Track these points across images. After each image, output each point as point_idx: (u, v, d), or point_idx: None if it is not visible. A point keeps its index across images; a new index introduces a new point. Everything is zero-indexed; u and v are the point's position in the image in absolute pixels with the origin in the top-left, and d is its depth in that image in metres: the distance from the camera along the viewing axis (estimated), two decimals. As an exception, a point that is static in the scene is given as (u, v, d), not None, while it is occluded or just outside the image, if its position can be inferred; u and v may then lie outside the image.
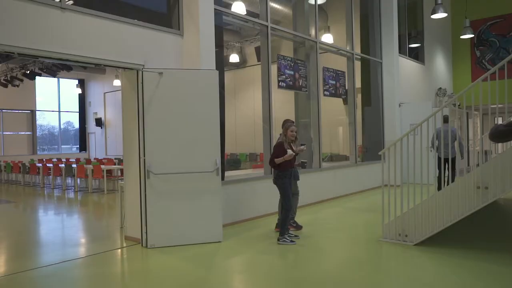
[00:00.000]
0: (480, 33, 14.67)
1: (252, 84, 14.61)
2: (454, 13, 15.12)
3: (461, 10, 14.61)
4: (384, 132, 10.87)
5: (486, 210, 7.12)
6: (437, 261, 4.39)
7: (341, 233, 5.86)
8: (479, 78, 4.75)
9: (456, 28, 14.99)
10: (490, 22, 14.46)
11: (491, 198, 4.57)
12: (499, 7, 14.29)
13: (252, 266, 4.49)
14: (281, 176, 5.41)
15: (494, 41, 14.39)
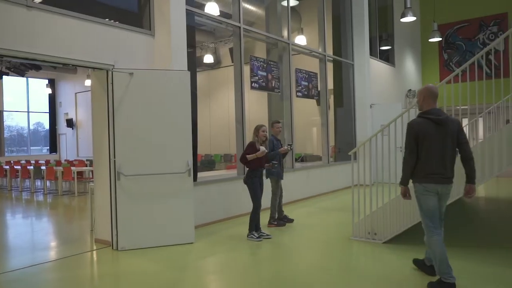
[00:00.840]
0: (447, 37, 15.13)
1: (227, 84, 14.60)
2: (423, 17, 15.54)
3: (430, 14, 15.05)
4: (356, 133, 11.07)
5: (453, 207, 7.36)
6: (404, 258, 4.51)
7: (313, 233, 5.94)
8: (443, 80, 4.92)
9: (425, 31, 15.42)
10: (457, 26, 14.94)
11: (455, 196, 4.72)
12: (465, 12, 14.78)
13: (224, 267, 4.50)
14: (251, 176, 5.55)
15: (461, 45, 14.87)
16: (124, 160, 5.17)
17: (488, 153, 4.55)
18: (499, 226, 6.12)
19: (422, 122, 3.62)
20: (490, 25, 14.21)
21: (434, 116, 3.58)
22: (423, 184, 3.62)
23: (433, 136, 3.56)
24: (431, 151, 3.57)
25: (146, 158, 5.25)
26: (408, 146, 3.65)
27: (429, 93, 3.68)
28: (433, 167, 3.58)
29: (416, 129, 3.61)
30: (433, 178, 3.58)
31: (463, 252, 4.69)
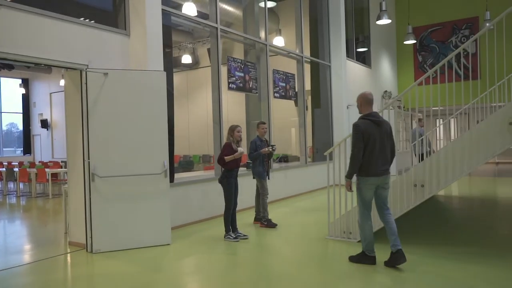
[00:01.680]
0: (422, 39, 15.49)
1: (205, 85, 14.56)
2: (398, 20, 15.87)
3: (405, 17, 15.37)
4: (333, 133, 11.21)
5: (428, 207, 7.54)
6: (378, 256, 4.59)
7: (290, 233, 5.98)
8: (415, 82, 5.03)
9: (400, 34, 15.74)
10: (431, 29, 15.30)
11: (427, 195, 4.85)
12: (439, 15, 15.16)
13: (201, 267, 4.50)
14: (227, 176, 5.57)
15: (434, 47, 15.24)
16: (99, 161, 5.10)
17: (458, 152, 4.68)
18: (468, 224, 6.30)
19: (366, 122, 4.16)
20: (462, 28, 14.61)
21: (374, 118, 4.17)
22: (367, 178, 4.16)
23: (375, 135, 4.13)
24: (374, 148, 4.12)
25: (121, 159, 5.19)
26: (356, 144, 4.12)
27: (365, 99, 4.27)
28: (377, 162, 4.14)
29: (362, 128, 4.11)
30: (376, 172, 4.15)
31: (435, 249, 4.82)
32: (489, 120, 4.57)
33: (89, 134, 5.09)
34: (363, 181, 4.21)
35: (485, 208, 7.55)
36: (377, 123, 4.16)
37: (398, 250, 4.17)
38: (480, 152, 4.58)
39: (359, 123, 4.18)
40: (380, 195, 4.31)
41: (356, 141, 4.13)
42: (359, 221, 4.38)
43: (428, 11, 15.30)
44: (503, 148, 4.48)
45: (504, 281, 3.74)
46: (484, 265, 4.21)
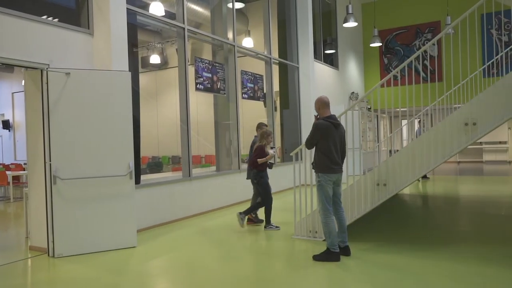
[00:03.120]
0: (387, 42, 15.90)
1: (174, 85, 14.37)
2: (365, 23, 16.23)
3: (371, 20, 15.75)
4: (302, 134, 11.34)
5: (392, 205, 7.75)
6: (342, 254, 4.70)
7: (257, 232, 6.02)
8: (378, 84, 5.17)
9: (367, 36, 16.11)
10: (396, 32, 15.74)
11: (389, 194, 5.00)
12: (403, 19, 15.61)
13: (166, 269, 4.46)
14: (262, 176, 6.18)
15: (399, 50, 15.68)
16: (61, 163, 4.97)
17: (418, 152, 4.85)
18: (431, 222, 6.52)
19: (326, 124, 4.48)
20: (425, 32, 15.10)
21: (334, 120, 4.52)
22: (327, 174, 4.46)
23: (334, 135, 4.48)
24: (332, 147, 4.45)
25: (84, 161, 5.08)
26: (312, 140, 4.51)
27: (322, 103, 4.60)
28: (335, 160, 4.48)
29: (323, 128, 4.45)
30: (334, 169, 4.48)
31: (398, 246, 4.96)
32: (446, 121, 4.75)
33: (50, 135, 4.95)
34: (324, 178, 4.47)
35: (446, 205, 7.83)
36: (335, 125, 4.52)
37: (346, 246, 4.59)
38: (438, 152, 4.75)
39: (321, 122, 4.49)
40: (336, 192, 4.60)
41: (312, 138, 4.51)
42: (322, 218, 4.54)
43: (393, 15, 15.74)
44: (459, 148, 4.67)
45: (454, 273, 3.90)
46: (436, 259, 4.37)
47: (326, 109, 4.58)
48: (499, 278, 3.79)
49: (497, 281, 3.72)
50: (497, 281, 3.72)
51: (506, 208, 7.25)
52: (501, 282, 3.68)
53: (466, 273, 3.97)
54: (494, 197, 8.47)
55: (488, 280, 3.76)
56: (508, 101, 4.44)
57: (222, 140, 8.94)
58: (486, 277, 3.84)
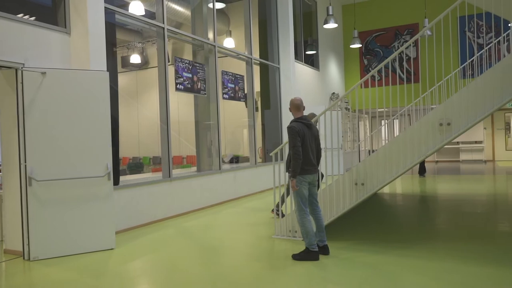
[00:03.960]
0: (367, 43, 16.11)
1: (155, 85, 14.29)
2: (345, 24, 16.41)
3: (351, 21, 15.93)
4: (283, 134, 11.39)
5: (371, 204, 7.85)
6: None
7: (238, 233, 6.02)
8: (355, 84, 5.24)
9: (347, 38, 16.29)
10: (375, 34, 15.96)
11: (367, 193, 5.07)
12: (383, 21, 15.84)
13: (144, 271, 4.42)
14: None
15: (379, 51, 15.90)
16: (37, 165, 4.88)
17: (395, 152, 4.93)
18: (409, 220, 6.64)
19: (299, 124, 4.52)
20: (404, 34, 15.36)
21: (306, 121, 4.58)
22: (302, 176, 4.49)
23: (308, 136, 4.53)
24: (307, 148, 4.50)
25: (61, 162, 5.00)
26: (296, 143, 4.42)
27: (293, 105, 4.68)
28: (310, 161, 4.52)
29: (297, 129, 4.46)
30: (309, 170, 4.52)
31: (376, 245, 5.04)
32: (421, 121, 4.84)
33: (26, 136, 4.86)
34: (299, 179, 4.50)
35: (424, 203, 7.98)
36: (308, 126, 4.59)
37: (325, 245, 4.68)
38: (414, 152, 4.84)
39: (294, 124, 4.52)
40: (312, 192, 4.67)
41: (294, 140, 4.44)
42: (299, 219, 4.60)
43: (373, 17, 15.95)
44: (434, 148, 4.77)
45: (431, 270, 3.99)
46: (413, 257, 4.46)
47: (298, 111, 4.66)
48: (475, 274, 3.89)
49: (473, 277, 3.82)
50: (473, 277, 3.82)
51: (482, 206, 7.43)
52: (478, 279, 3.78)
53: (442, 270, 4.06)
54: (471, 196, 8.67)
55: (465, 277, 3.85)
56: (480, 101, 4.56)
57: (203, 140, 8.92)
58: (462, 274, 3.93)
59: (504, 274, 3.86)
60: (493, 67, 4.56)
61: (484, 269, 4.03)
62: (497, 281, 3.70)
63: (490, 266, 4.10)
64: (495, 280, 3.72)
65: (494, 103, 4.52)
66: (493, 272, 3.93)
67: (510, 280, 3.71)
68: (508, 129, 18.09)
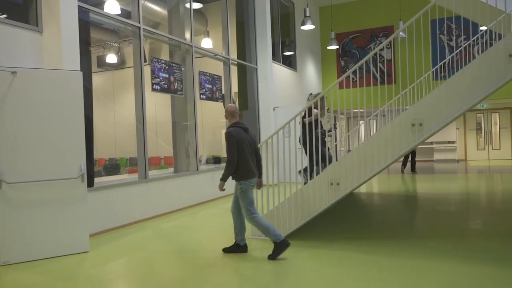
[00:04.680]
0: (343, 45, 16.32)
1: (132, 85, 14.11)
2: (322, 26, 16.57)
3: (328, 23, 16.11)
4: (260, 135, 11.42)
5: (348, 204, 7.95)
6: (298, 252, 4.79)
7: (215, 234, 6.01)
8: (330, 86, 5.31)
9: (324, 39, 16.46)
10: (352, 36, 16.18)
11: (342, 192, 5.13)
12: (359, 23, 16.08)
13: (118, 274, 4.37)
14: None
15: (355, 53, 16.13)
16: (7, 166, 4.76)
17: (369, 152, 5.01)
18: (385, 219, 6.76)
19: (237, 129, 4.63)
20: (380, 36, 15.63)
21: (242, 125, 4.71)
22: (249, 180, 4.63)
23: (246, 140, 4.64)
24: (246, 152, 4.61)
25: (33, 164, 4.89)
26: (232, 150, 4.53)
27: (229, 112, 4.80)
28: (251, 165, 4.65)
29: (236, 135, 4.56)
30: (253, 173, 4.68)
31: (350, 244, 5.11)
32: (395, 122, 4.94)
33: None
34: (246, 184, 4.63)
35: (399, 202, 8.13)
36: (245, 130, 4.71)
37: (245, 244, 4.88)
38: (388, 152, 4.94)
39: (232, 130, 4.60)
40: None
41: (232, 147, 4.54)
42: (252, 221, 4.65)
43: (349, 19, 16.18)
44: (407, 148, 4.87)
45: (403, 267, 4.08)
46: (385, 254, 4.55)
47: (233, 117, 4.76)
48: (446, 271, 3.99)
49: (448, 274, 3.92)
50: (448, 274, 3.92)
51: (455, 205, 7.63)
52: (453, 275, 3.88)
53: (416, 267, 4.15)
54: (444, 194, 8.89)
55: (440, 273, 3.95)
56: (450, 103, 4.69)
57: (180, 141, 8.86)
58: (436, 270, 4.03)
59: (475, 271, 3.98)
60: (462, 69, 4.70)
61: (457, 265, 4.15)
62: (470, 278, 3.80)
63: (463, 264, 4.22)
64: (467, 277, 3.83)
65: (464, 104, 4.65)
66: (465, 270, 4.04)
67: (481, 277, 3.83)
68: (479, 129, 18.63)
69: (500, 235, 5.29)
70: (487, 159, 18.45)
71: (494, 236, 5.25)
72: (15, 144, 4.81)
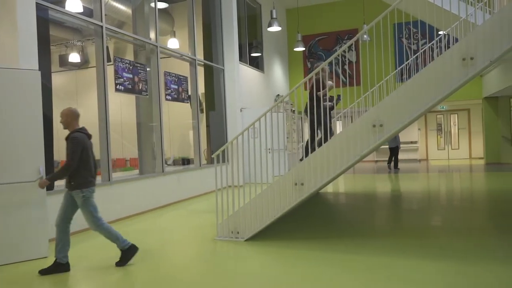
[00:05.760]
0: (310, 47, 16.56)
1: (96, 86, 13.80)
2: (289, 28, 16.75)
3: (295, 25, 16.28)
4: (228, 136, 11.40)
5: (315, 203, 8.05)
6: (264, 253, 4.81)
7: (180, 235, 5.95)
8: (293, 88, 5.37)
9: (291, 41, 16.64)
10: (318, 38, 16.44)
11: (306, 193, 5.20)
12: (325, 25, 16.36)
13: (80, 280, 4.25)
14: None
15: (321, 55, 16.40)
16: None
17: (332, 153, 5.10)
18: (351, 218, 6.90)
19: (82, 135, 4.44)
20: (345, 38, 15.95)
21: (86, 132, 4.53)
22: (90, 188, 4.51)
23: (89, 147, 4.51)
24: (89, 159, 4.48)
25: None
26: (75, 156, 4.32)
27: (75, 115, 4.53)
28: (92, 173, 4.54)
29: (82, 140, 4.39)
30: (93, 181, 4.56)
31: (316, 243, 5.18)
32: (356, 123, 5.05)
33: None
34: (89, 192, 4.49)
35: (363, 201, 8.32)
36: (88, 136, 4.55)
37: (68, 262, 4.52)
38: (350, 152, 5.04)
39: (78, 135, 4.40)
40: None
41: (75, 154, 4.32)
42: (101, 229, 4.53)
43: (316, 21, 16.43)
44: (368, 148, 4.99)
45: (365, 264, 4.18)
46: (348, 252, 4.65)
47: (76, 122, 4.53)
48: (414, 268, 4.12)
49: (415, 270, 4.04)
50: (415, 270, 4.04)
51: (417, 203, 7.88)
52: (420, 271, 4.00)
53: (383, 264, 4.26)
54: (407, 193, 9.17)
55: (408, 270, 4.07)
56: (409, 104, 4.84)
57: (146, 142, 8.72)
58: (403, 267, 4.15)
59: (437, 267, 4.13)
60: (420, 72, 4.86)
61: (418, 262, 4.28)
62: (437, 274, 3.94)
63: (429, 260, 4.37)
64: (434, 273, 3.96)
65: (421, 106, 4.81)
66: (432, 266, 4.18)
67: (440, 272, 3.97)
68: (440, 130, 19.33)
69: (460, 232, 5.51)
70: (447, 159, 19.17)
71: (455, 233, 5.46)
72: (-32, 146, 4.60)
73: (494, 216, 6.43)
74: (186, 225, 6.64)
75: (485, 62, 4.62)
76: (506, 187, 9.36)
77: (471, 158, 18.82)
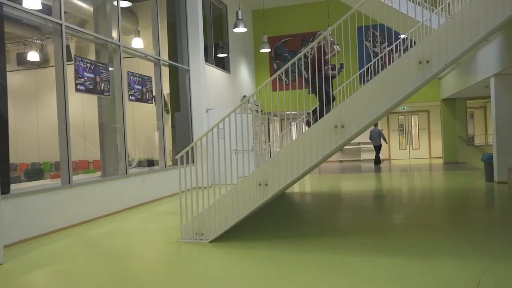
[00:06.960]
0: (276, 48, 16.70)
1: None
2: (255, 29, 16.83)
3: (261, 26, 16.38)
4: (193, 137, 11.32)
5: (282, 204, 8.12)
6: (228, 254, 4.81)
7: (144, 238, 5.86)
8: (258, 88, 5.40)
9: (257, 42, 16.72)
10: (284, 39, 16.61)
11: (270, 193, 5.24)
12: (291, 27, 16.55)
13: (35, 285, 4.11)
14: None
15: (287, 56, 16.57)
16: None
17: (295, 153, 5.16)
18: (315, 218, 7.01)
19: None
20: (310, 40, 16.18)
21: None
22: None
23: None
24: None
25: None
26: None
27: None
28: None
29: None
30: None
31: (280, 243, 5.23)
32: (319, 124, 5.14)
33: None
34: None
35: (327, 201, 8.47)
36: None
37: None
38: (313, 152, 5.12)
39: None
40: None
41: None
42: None
43: (281, 23, 16.58)
44: (330, 148, 5.09)
45: (323, 262, 4.26)
46: (307, 251, 4.73)
47: None
48: (375, 264, 4.23)
49: (376, 267, 4.15)
50: (376, 267, 4.15)
51: (379, 201, 8.09)
52: (380, 268, 4.11)
53: (346, 261, 4.35)
54: (370, 192, 9.41)
55: (369, 267, 4.17)
56: (369, 105, 4.98)
57: (108, 144, 8.52)
58: (364, 263, 4.25)
59: (397, 264, 4.26)
60: (379, 74, 5.01)
61: (381, 259, 4.41)
62: (390, 270, 4.06)
63: (384, 257, 4.50)
64: (385, 269, 4.09)
65: (381, 107, 4.96)
66: (391, 262, 4.31)
67: (401, 268, 4.10)
68: (401, 131, 19.95)
69: (418, 229, 5.71)
70: (408, 158, 19.80)
71: (414, 230, 5.65)
72: None
73: (451, 213, 6.71)
74: (150, 228, 6.54)
75: (440, 65, 4.81)
76: (461, 186, 9.78)
77: (431, 158, 19.52)
